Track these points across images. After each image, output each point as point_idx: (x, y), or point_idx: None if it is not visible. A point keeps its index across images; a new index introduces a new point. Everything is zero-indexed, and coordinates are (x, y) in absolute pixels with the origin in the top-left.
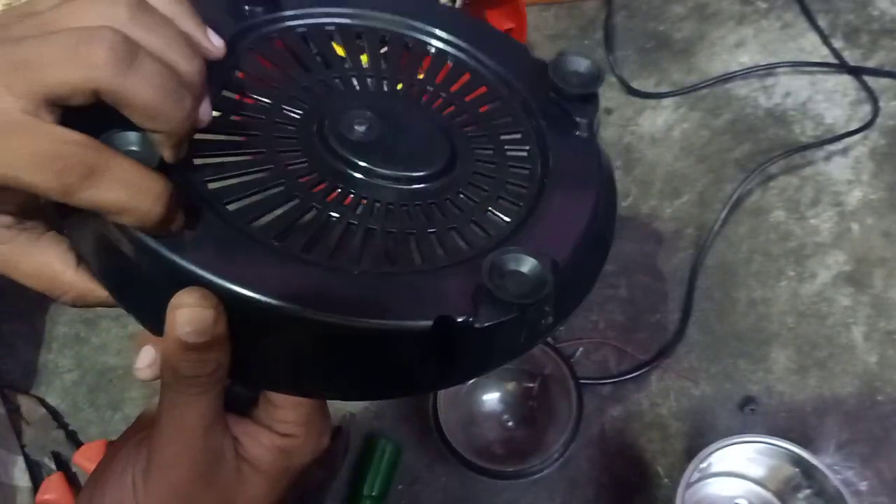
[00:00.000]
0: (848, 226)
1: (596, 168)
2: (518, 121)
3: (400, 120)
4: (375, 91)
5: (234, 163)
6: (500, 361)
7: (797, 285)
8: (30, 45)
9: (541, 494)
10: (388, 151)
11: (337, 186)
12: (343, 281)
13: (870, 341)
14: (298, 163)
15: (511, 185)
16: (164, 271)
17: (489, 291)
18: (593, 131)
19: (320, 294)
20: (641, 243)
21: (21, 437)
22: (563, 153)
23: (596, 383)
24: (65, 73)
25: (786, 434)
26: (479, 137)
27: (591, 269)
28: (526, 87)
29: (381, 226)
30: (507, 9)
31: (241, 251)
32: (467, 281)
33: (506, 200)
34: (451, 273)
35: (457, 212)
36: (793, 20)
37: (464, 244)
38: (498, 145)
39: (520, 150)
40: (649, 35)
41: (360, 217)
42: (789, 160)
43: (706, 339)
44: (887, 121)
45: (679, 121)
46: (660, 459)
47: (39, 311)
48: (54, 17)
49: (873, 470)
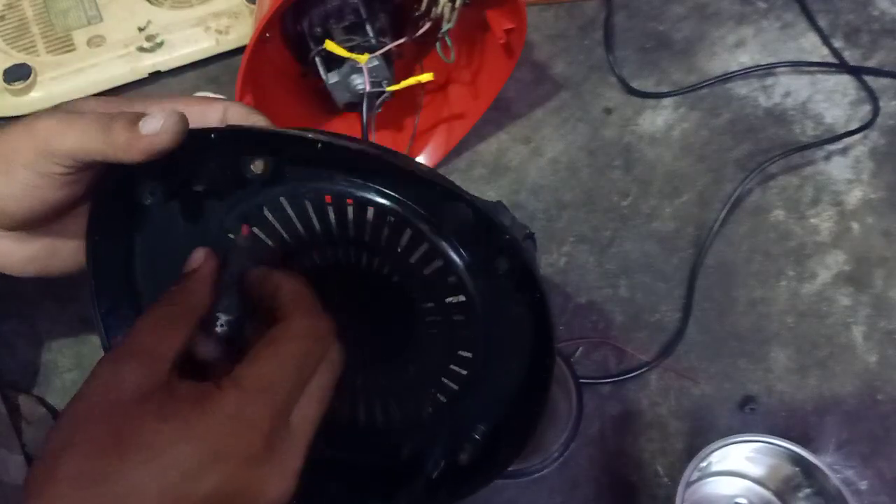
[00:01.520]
0: (848, 225)
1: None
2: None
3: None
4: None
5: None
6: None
7: (797, 285)
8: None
9: (541, 493)
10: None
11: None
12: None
13: (870, 341)
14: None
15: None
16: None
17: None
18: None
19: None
20: (641, 243)
21: (21, 437)
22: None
23: (596, 383)
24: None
25: (786, 433)
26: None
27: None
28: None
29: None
30: (507, 9)
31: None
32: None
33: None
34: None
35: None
36: (793, 20)
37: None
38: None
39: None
40: (649, 35)
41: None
42: (789, 160)
43: (706, 338)
44: (887, 120)
45: (679, 120)
46: (659, 458)
47: (39, 311)
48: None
49: (873, 469)
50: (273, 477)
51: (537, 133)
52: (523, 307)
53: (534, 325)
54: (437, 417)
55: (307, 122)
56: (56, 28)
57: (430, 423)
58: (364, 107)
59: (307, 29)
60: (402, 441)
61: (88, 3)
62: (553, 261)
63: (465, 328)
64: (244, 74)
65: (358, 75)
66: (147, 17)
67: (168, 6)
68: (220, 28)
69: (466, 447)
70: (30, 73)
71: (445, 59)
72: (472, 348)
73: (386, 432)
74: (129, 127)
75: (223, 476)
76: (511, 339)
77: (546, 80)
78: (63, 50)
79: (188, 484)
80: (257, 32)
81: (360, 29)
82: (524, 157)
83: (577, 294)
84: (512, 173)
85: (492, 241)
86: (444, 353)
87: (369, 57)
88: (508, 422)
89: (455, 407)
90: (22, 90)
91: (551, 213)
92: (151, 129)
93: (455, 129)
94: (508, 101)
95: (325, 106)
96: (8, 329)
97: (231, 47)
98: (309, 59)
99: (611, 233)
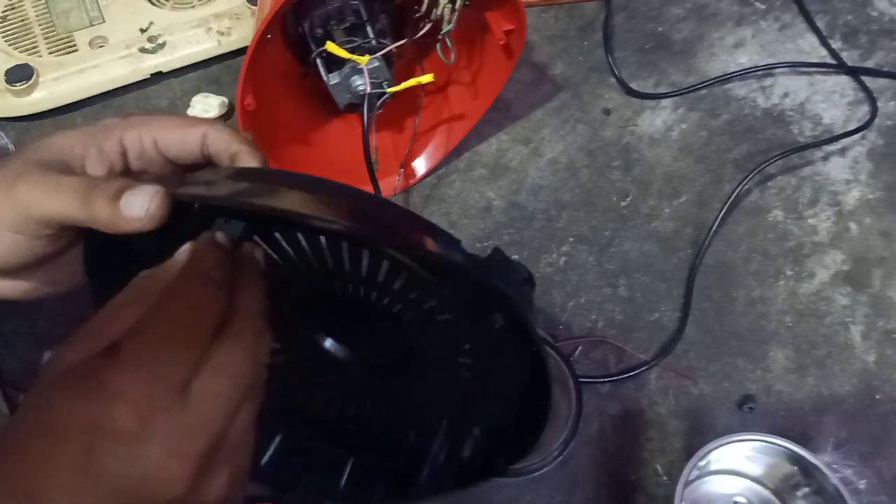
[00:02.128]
0: (846, 225)
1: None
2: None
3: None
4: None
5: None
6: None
7: (795, 284)
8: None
9: (540, 492)
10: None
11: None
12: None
13: (868, 340)
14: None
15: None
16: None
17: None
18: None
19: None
20: (640, 243)
21: None
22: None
23: (595, 382)
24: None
25: (784, 432)
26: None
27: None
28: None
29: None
30: (507, 10)
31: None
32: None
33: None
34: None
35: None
36: (791, 21)
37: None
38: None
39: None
40: (648, 36)
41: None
42: (787, 160)
43: (705, 338)
44: (885, 121)
45: (678, 121)
46: (658, 458)
47: (40, 311)
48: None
49: (872, 468)
50: (153, 456)
51: (537, 133)
52: (522, 357)
53: (530, 371)
54: (440, 413)
55: (307, 122)
56: (58, 29)
57: (432, 419)
58: (364, 107)
59: (308, 30)
60: (404, 436)
61: (90, 4)
62: (553, 260)
63: (466, 358)
64: (245, 75)
65: (358, 76)
66: (149, 19)
67: (170, 7)
68: (222, 29)
69: (468, 442)
70: (32, 74)
71: (445, 60)
72: (471, 359)
73: (388, 429)
74: (110, 204)
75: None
76: (508, 376)
77: (546, 81)
78: (65, 51)
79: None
80: (258, 34)
81: (360, 30)
82: (524, 157)
83: (576, 293)
84: (512, 173)
85: (487, 298)
86: (446, 363)
87: (370, 58)
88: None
89: (458, 405)
90: (24, 91)
91: (551, 214)
92: (135, 214)
93: (455, 129)
94: (508, 102)
95: (326, 107)
96: (9, 328)
97: (232, 48)
98: (310, 61)
99: (610, 233)
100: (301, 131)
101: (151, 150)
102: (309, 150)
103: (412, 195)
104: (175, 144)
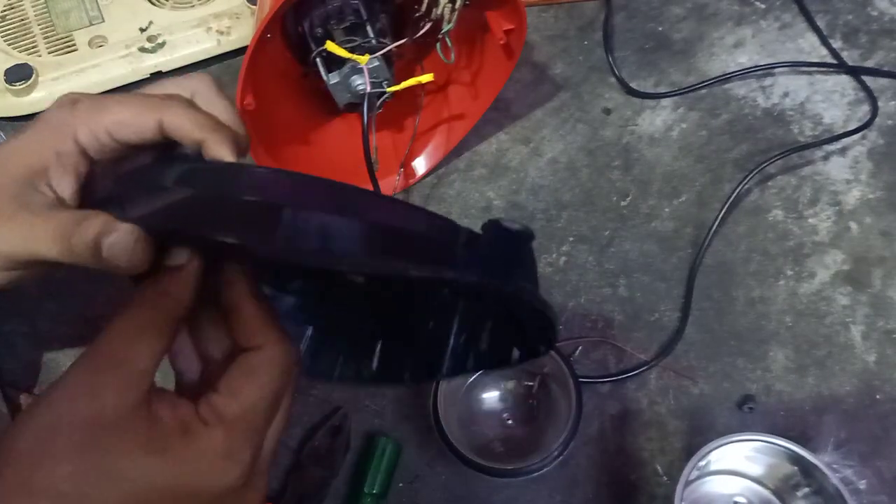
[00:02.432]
0: (846, 225)
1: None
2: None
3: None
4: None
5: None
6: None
7: (795, 284)
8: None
9: (540, 492)
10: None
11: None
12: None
13: (868, 340)
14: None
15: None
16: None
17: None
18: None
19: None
20: (640, 243)
21: None
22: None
23: (595, 382)
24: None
25: (784, 432)
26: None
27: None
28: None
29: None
30: (507, 10)
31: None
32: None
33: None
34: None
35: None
36: (791, 20)
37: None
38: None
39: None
40: (648, 36)
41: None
42: (787, 160)
43: (705, 337)
44: (886, 121)
45: (678, 121)
46: (658, 457)
47: (40, 311)
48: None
49: (872, 468)
50: (246, 501)
51: (537, 133)
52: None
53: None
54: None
55: (307, 122)
56: (57, 28)
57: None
58: (364, 107)
59: (308, 30)
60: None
61: (90, 4)
62: (553, 260)
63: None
64: (245, 75)
65: (358, 76)
66: (148, 18)
67: (169, 7)
68: (222, 29)
69: (484, 335)
70: (31, 74)
71: (445, 59)
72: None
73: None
74: (91, 246)
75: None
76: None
77: (546, 81)
78: (64, 50)
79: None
80: (258, 33)
81: (360, 30)
82: (524, 157)
83: (576, 293)
84: (512, 173)
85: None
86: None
87: (370, 57)
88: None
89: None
90: (23, 90)
91: (551, 213)
92: (121, 265)
93: (455, 129)
94: (508, 102)
95: (326, 106)
96: (9, 328)
97: (232, 48)
98: (310, 60)
99: (610, 232)
100: (301, 131)
101: (109, 141)
102: (309, 149)
103: (412, 195)
104: (132, 134)
